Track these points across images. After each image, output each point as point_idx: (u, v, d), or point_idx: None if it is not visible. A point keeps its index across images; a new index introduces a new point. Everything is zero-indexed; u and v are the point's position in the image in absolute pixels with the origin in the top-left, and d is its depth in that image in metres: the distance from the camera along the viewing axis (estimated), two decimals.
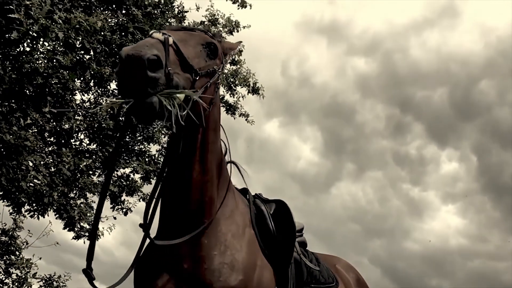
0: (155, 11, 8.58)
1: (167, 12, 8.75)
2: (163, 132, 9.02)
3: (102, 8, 7.72)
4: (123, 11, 8.00)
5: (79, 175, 7.53)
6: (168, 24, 8.42)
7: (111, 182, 8.20)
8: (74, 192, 7.83)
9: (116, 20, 7.77)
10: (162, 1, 8.96)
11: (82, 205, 7.94)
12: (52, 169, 7.15)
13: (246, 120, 10.15)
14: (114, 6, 8.10)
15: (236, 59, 9.81)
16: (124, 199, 8.77)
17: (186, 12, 9.13)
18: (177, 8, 9.17)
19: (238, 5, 9.40)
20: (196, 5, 9.37)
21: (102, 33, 7.02)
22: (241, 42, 2.60)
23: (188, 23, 9.04)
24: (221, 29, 9.58)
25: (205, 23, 9.45)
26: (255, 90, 10.06)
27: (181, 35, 1.94)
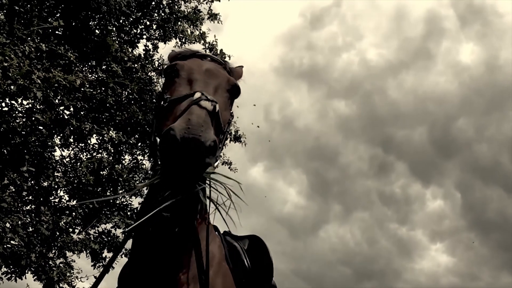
0: (135, 65, 8.69)
1: (147, 66, 8.88)
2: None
3: (81, 65, 7.79)
4: (103, 67, 8.09)
5: (58, 233, 7.30)
6: (148, 77, 8.50)
7: (91, 239, 7.95)
8: (53, 251, 7.55)
9: (96, 76, 7.84)
10: (142, 55, 9.12)
11: (61, 265, 7.63)
12: (30, 229, 6.92)
13: (229, 168, 10.16)
14: (93, 62, 8.19)
15: None
16: (106, 256, 8.48)
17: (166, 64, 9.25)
18: (157, 61, 9.33)
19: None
20: None
21: (82, 89, 7.05)
22: (242, 66, 2.43)
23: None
24: None
25: None
26: (237, 138, 10.13)
27: (215, 85, 1.87)
